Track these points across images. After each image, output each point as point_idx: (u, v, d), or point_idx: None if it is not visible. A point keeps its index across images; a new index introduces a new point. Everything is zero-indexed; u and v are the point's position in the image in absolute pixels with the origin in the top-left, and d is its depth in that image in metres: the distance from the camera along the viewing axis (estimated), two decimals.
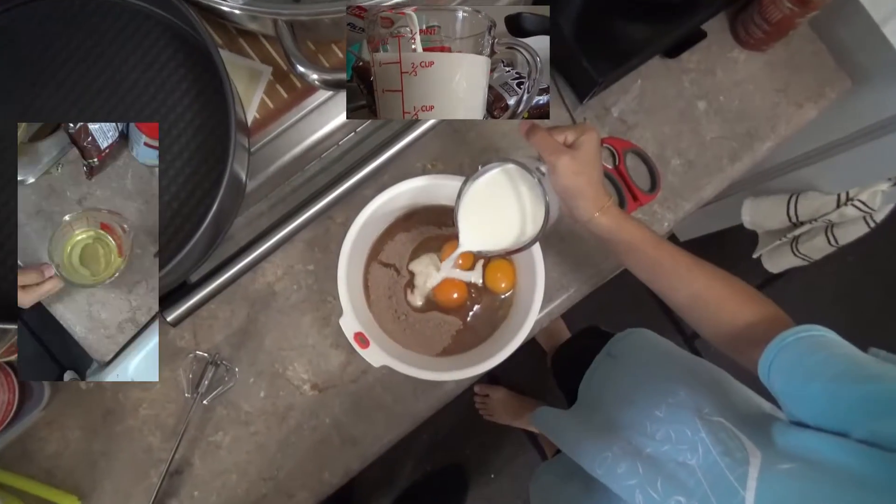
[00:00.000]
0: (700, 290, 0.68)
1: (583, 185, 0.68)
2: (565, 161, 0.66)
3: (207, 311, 0.88)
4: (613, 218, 0.69)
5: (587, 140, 0.68)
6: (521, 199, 0.72)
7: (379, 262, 0.84)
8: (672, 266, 0.69)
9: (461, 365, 0.79)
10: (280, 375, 0.88)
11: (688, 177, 0.96)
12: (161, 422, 0.86)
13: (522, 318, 0.79)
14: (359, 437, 0.88)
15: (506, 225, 0.73)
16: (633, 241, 0.70)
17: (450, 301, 0.82)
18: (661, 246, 0.70)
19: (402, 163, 0.92)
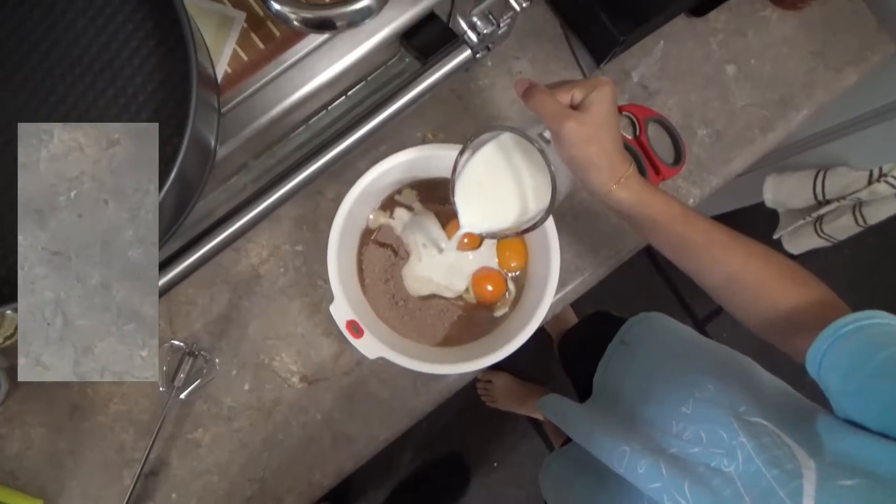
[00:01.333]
0: (737, 270, 0.60)
1: (594, 154, 0.58)
2: (571, 128, 0.57)
3: (185, 296, 0.80)
4: (633, 191, 0.60)
5: (599, 98, 0.57)
6: (523, 173, 0.63)
7: (375, 242, 0.76)
8: (704, 244, 0.61)
9: (466, 356, 0.71)
10: (266, 367, 0.80)
11: (715, 149, 0.87)
12: (134, 418, 0.78)
13: (535, 305, 0.71)
14: (353, 434, 0.80)
15: (507, 202, 0.64)
16: (658, 216, 0.61)
17: (486, 295, 0.74)
18: (692, 221, 0.61)
19: (399, 133, 0.84)
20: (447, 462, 1.82)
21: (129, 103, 0.46)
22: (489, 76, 0.86)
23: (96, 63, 0.48)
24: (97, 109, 0.48)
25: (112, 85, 0.48)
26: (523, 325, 0.70)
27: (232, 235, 0.54)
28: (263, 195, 0.55)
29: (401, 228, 0.75)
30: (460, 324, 0.75)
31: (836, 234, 1.28)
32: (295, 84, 0.54)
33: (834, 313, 0.53)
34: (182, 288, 0.80)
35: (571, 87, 0.59)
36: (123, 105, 0.46)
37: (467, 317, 0.75)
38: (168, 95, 0.46)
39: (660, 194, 0.61)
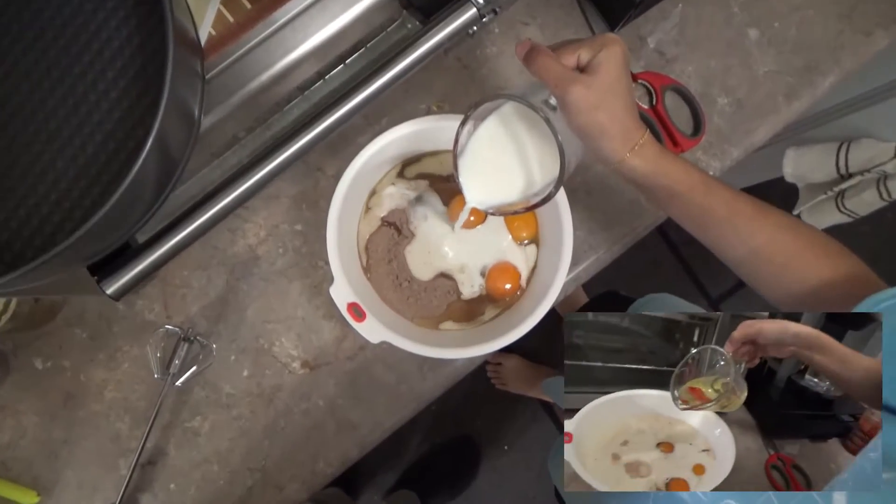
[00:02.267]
0: (762, 244, 0.56)
1: (603, 121, 0.53)
2: (576, 93, 0.52)
3: (180, 278, 0.77)
4: (649, 159, 0.56)
5: (607, 58, 0.53)
6: (529, 144, 0.59)
7: (377, 221, 0.72)
8: (727, 216, 0.56)
9: (474, 340, 0.67)
10: (265, 352, 0.77)
11: (736, 118, 0.83)
12: (130, 405, 0.75)
13: (546, 285, 0.67)
14: (357, 421, 0.77)
15: (513, 176, 0.60)
16: (676, 186, 0.56)
17: (500, 291, 0.70)
18: (714, 191, 0.56)
19: (402, 105, 0.79)
20: (456, 445, 1.79)
21: (105, 69, 0.42)
22: (496, 44, 0.81)
23: (70, 25, 0.44)
24: (72, 77, 0.44)
25: (88, 49, 0.44)
26: (534, 307, 0.66)
27: (222, 210, 0.51)
28: (255, 166, 0.51)
29: (405, 205, 0.71)
30: (468, 305, 0.71)
31: (858, 210, 1.23)
32: (285, 47, 0.49)
33: (867, 289, 0.49)
34: (176, 270, 0.77)
35: (577, 47, 0.54)
36: (100, 71, 0.42)
37: (476, 298, 0.71)
38: (147, 60, 0.42)
39: (678, 162, 0.56)
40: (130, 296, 0.76)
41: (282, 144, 0.51)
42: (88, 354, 0.75)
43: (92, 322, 0.76)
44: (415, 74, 0.79)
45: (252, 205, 0.78)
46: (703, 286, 1.88)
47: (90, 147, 0.42)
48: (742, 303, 1.83)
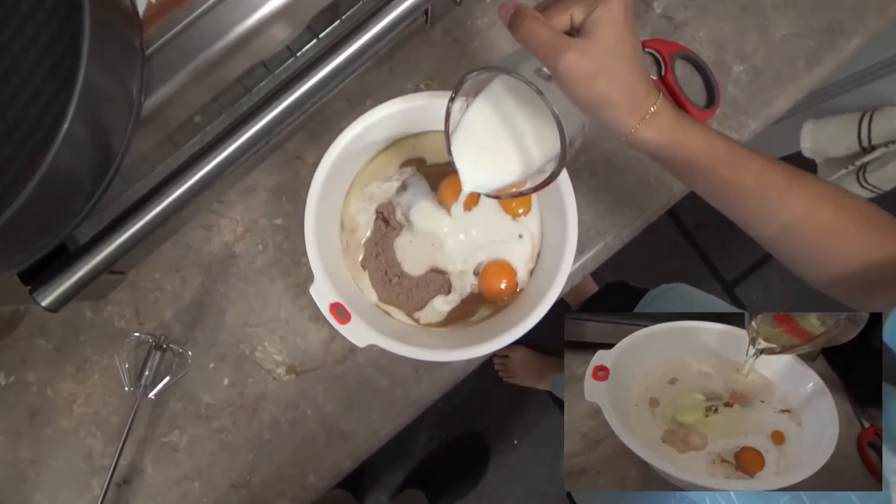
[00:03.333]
0: (797, 218, 0.49)
1: (605, 90, 0.46)
2: (570, 62, 0.45)
3: (151, 281, 0.71)
4: (663, 129, 0.48)
5: (604, 15, 0.45)
6: (526, 119, 0.52)
7: None
8: (756, 190, 0.50)
9: (473, 339, 0.61)
10: (247, 358, 0.71)
11: (753, 87, 0.75)
12: (101, 421, 0.69)
13: (551, 276, 0.60)
14: (349, 430, 0.71)
15: (510, 155, 0.53)
16: (697, 159, 0.49)
17: (495, 291, 0.64)
18: (740, 162, 0.49)
19: (388, 85, 0.73)
20: (465, 442, 1.73)
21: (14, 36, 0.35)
22: (488, 14, 0.74)
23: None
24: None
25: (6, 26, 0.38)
26: (538, 301, 0.60)
27: (176, 202, 0.44)
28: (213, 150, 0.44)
29: (391, 193, 0.64)
30: (465, 301, 0.64)
31: (881, 184, 1.15)
32: (239, 13, 0.43)
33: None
34: (147, 272, 0.70)
35: (568, 4, 0.46)
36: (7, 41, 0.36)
37: (467, 297, 0.64)
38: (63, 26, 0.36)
39: (699, 130, 0.49)
40: (98, 302, 0.70)
41: (242, 123, 0.44)
42: (55, 367, 0.69)
43: (57, 332, 0.70)
44: (400, 51, 0.73)
45: (227, 199, 0.71)
46: (717, 270, 1.81)
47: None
48: (758, 286, 1.76)
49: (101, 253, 0.44)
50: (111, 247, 0.44)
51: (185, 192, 0.45)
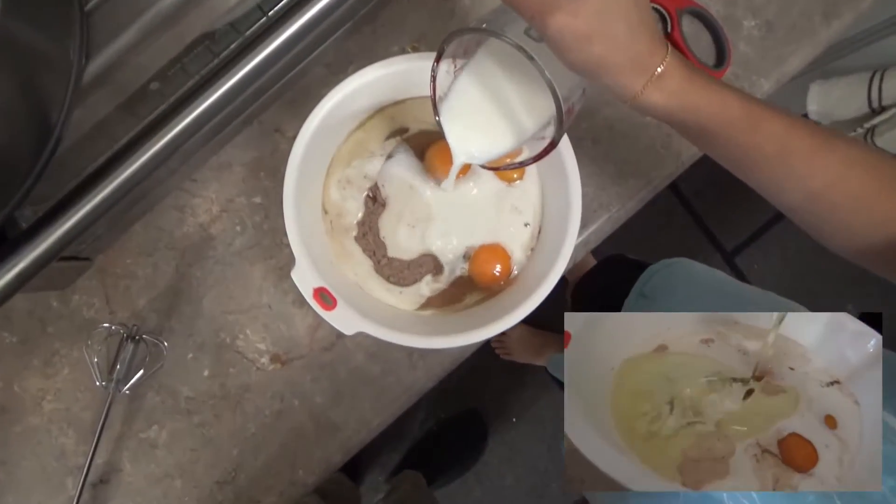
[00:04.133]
0: (824, 185, 0.44)
1: (601, 54, 0.40)
2: (559, 24, 0.39)
3: (121, 267, 0.65)
4: (672, 92, 0.43)
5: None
6: (519, 83, 0.47)
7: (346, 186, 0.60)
8: (778, 155, 0.45)
9: (468, 324, 0.56)
10: (228, 347, 0.66)
11: (766, 44, 0.70)
12: (73, 417, 0.65)
13: (553, 255, 0.55)
14: (339, 421, 0.66)
15: (502, 122, 0.48)
16: (709, 123, 0.44)
17: (487, 277, 0.59)
18: (760, 125, 0.44)
19: (372, 49, 0.67)
20: (463, 420, 1.70)
21: None
22: None
23: None
24: None
25: None
26: (539, 282, 0.55)
27: (132, 178, 0.39)
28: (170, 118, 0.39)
29: (377, 167, 0.59)
30: (460, 283, 0.60)
31: (891, 147, 1.10)
32: None
33: None
34: (117, 258, 0.65)
35: None
36: None
37: (456, 281, 0.60)
38: None
39: (713, 90, 0.44)
40: (66, 291, 0.65)
41: (205, 86, 0.39)
42: (21, 361, 0.65)
43: (21, 323, 0.65)
44: (384, 10, 0.67)
45: (201, 176, 0.66)
46: (716, 238, 1.76)
47: None
48: (759, 254, 1.72)
49: (47, 239, 0.38)
50: (59, 231, 0.39)
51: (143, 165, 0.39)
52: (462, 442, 1.69)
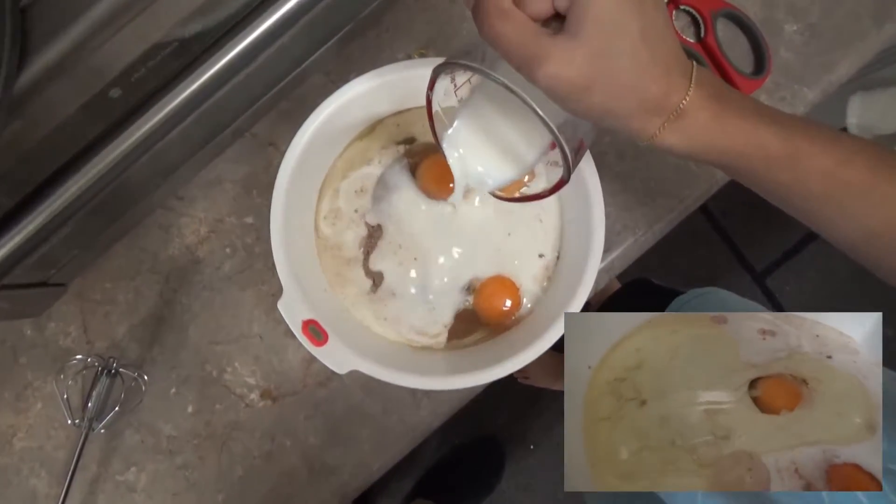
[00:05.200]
0: (885, 225, 0.38)
1: (603, 103, 0.34)
2: (550, 75, 0.33)
3: (101, 292, 0.60)
4: (693, 134, 0.36)
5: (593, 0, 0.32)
6: (513, 116, 0.41)
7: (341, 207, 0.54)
8: (826, 193, 0.38)
9: (478, 362, 0.50)
10: (215, 381, 0.60)
11: (810, 50, 0.63)
12: (46, 456, 0.59)
13: (573, 283, 0.49)
14: (335, 463, 0.60)
15: (501, 153, 0.42)
16: (742, 162, 0.38)
17: (495, 312, 0.52)
18: (805, 162, 0.37)
19: (375, 56, 0.62)
20: (478, 446, 1.63)
21: None
22: None
23: None
24: None
25: None
26: (557, 314, 0.49)
27: (90, 187, 0.33)
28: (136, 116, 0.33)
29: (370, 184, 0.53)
30: (466, 317, 0.53)
31: None
32: None
33: None
34: (95, 282, 0.60)
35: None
36: None
37: (461, 314, 0.53)
38: None
39: (745, 129, 0.37)
40: (40, 318, 0.60)
41: (182, 74, 0.34)
42: None
43: None
44: (389, 14, 0.62)
45: (188, 193, 0.61)
46: (745, 258, 1.68)
47: None
48: (791, 276, 1.63)
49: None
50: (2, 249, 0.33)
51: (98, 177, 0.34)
52: (478, 469, 1.62)
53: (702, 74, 0.36)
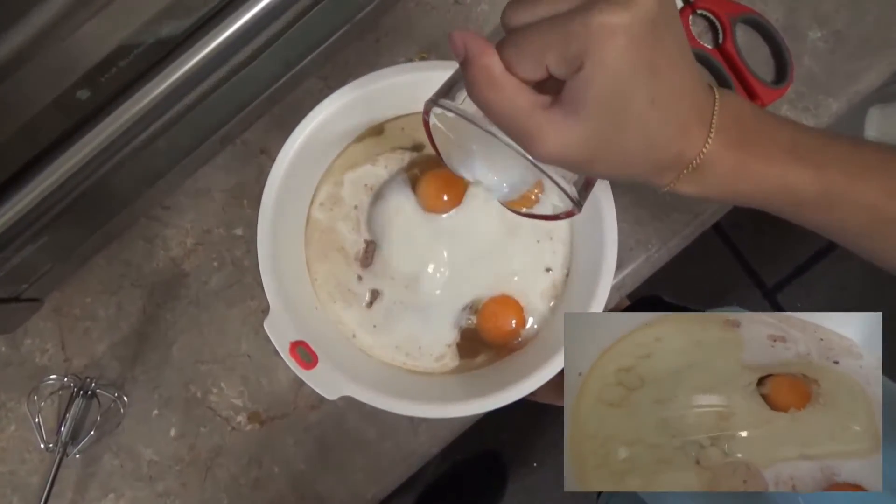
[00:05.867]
0: None
1: (609, 171, 0.32)
2: (549, 153, 0.30)
3: (80, 306, 0.57)
4: (713, 184, 0.33)
5: (595, 75, 0.28)
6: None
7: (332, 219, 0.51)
8: (870, 227, 0.35)
9: (481, 387, 0.46)
10: (199, 402, 0.57)
11: (835, 58, 0.60)
12: (19, 482, 0.56)
13: (583, 301, 0.46)
14: (326, 493, 0.56)
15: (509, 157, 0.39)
16: (770, 206, 0.35)
17: (501, 333, 0.49)
18: (845, 201, 0.34)
19: (375, 60, 0.59)
20: (480, 463, 1.60)
21: None
22: None
23: None
24: None
25: None
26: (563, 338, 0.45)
27: (42, 195, 0.30)
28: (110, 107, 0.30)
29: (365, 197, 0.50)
30: (471, 335, 0.50)
31: None
32: None
33: None
34: (75, 296, 0.57)
35: (541, 47, 0.28)
36: None
37: (464, 333, 0.50)
38: None
39: (772, 174, 0.33)
40: (16, 333, 0.56)
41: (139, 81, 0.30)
42: None
43: None
44: (388, 16, 0.59)
45: (174, 203, 0.58)
46: (756, 272, 1.64)
47: None
48: (802, 292, 1.59)
49: None
50: None
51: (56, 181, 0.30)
52: (479, 486, 1.58)
53: (725, 116, 0.32)
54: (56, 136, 0.32)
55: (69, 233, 0.47)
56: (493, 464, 1.60)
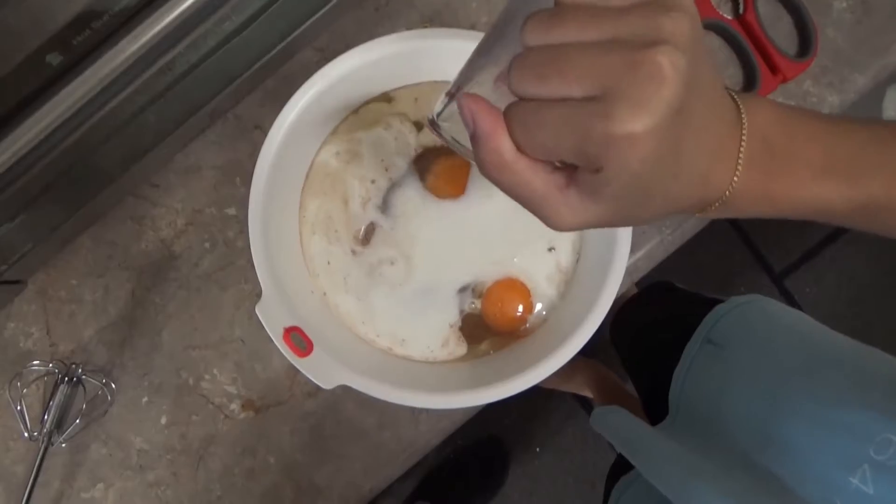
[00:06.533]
0: None
1: (637, 223, 0.33)
2: (564, 226, 0.28)
3: (66, 289, 0.54)
4: (741, 209, 0.31)
5: (617, 176, 0.25)
6: None
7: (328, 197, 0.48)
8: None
9: (489, 376, 0.44)
10: (191, 390, 0.54)
11: (861, 30, 0.57)
12: (4, 471, 0.54)
13: (595, 286, 0.43)
14: (323, 484, 0.54)
15: None
16: (803, 216, 0.32)
17: (507, 319, 0.46)
18: (880, 210, 0.31)
19: (374, 29, 0.55)
20: (483, 448, 1.59)
21: None
22: None
23: None
24: None
25: None
26: (579, 321, 0.42)
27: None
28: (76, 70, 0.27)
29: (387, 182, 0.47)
30: (476, 320, 0.47)
31: None
32: None
33: None
34: (60, 278, 0.54)
35: (556, 128, 0.25)
36: None
37: (467, 318, 0.47)
38: None
39: (800, 194, 0.31)
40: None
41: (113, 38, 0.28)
42: None
43: None
44: None
45: (163, 181, 0.55)
46: (764, 257, 1.61)
47: None
48: (811, 277, 1.56)
49: None
50: None
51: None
52: (481, 472, 1.57)
53: (753, 143, 0.29)
54: (22, 97, 0.29)
55: (49, 210, 0.44)
56: (494, 449, 1.58)
